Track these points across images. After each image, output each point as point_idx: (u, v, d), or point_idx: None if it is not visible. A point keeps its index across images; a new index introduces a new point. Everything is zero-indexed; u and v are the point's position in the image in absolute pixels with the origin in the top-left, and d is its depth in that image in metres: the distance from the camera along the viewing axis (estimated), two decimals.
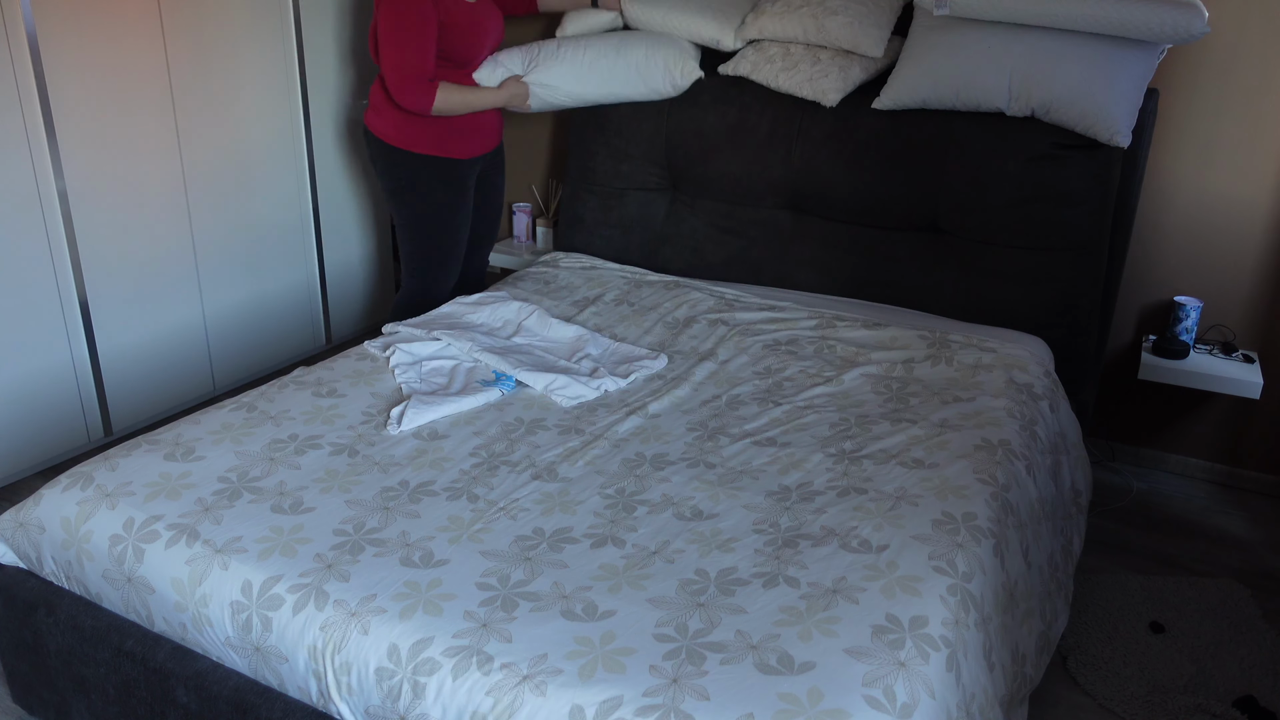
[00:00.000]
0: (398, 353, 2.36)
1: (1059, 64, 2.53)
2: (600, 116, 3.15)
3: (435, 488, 1.86)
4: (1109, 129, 2.49)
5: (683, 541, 1.70)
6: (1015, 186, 2.63)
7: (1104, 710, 2.11)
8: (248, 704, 1.58)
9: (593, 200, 3.19)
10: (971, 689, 1.49)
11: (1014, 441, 2.06)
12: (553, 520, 1.76)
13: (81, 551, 1.75)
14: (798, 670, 1.39)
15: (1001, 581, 1.74)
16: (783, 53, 2.90)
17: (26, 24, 2.57)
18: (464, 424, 2.10)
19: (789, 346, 2.51)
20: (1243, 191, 2.79)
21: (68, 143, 2.73)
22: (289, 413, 2.11)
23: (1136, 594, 2.48)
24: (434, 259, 2.96)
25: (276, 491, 1.82)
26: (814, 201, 2.89)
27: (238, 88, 3.18)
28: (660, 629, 1.48)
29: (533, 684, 1.39)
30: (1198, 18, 2.41)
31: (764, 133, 2.91)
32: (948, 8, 2.64)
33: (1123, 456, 3.15)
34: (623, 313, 2.73)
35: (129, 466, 1.88)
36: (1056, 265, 2.63)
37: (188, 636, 1.66)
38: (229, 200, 3.24)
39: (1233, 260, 2.85)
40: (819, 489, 1.87)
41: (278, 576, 1.60)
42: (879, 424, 2.12)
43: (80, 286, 2.84)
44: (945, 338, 2.53)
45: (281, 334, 3.55)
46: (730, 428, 2.11)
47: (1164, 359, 2.79)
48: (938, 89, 2.66)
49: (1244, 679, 2.19)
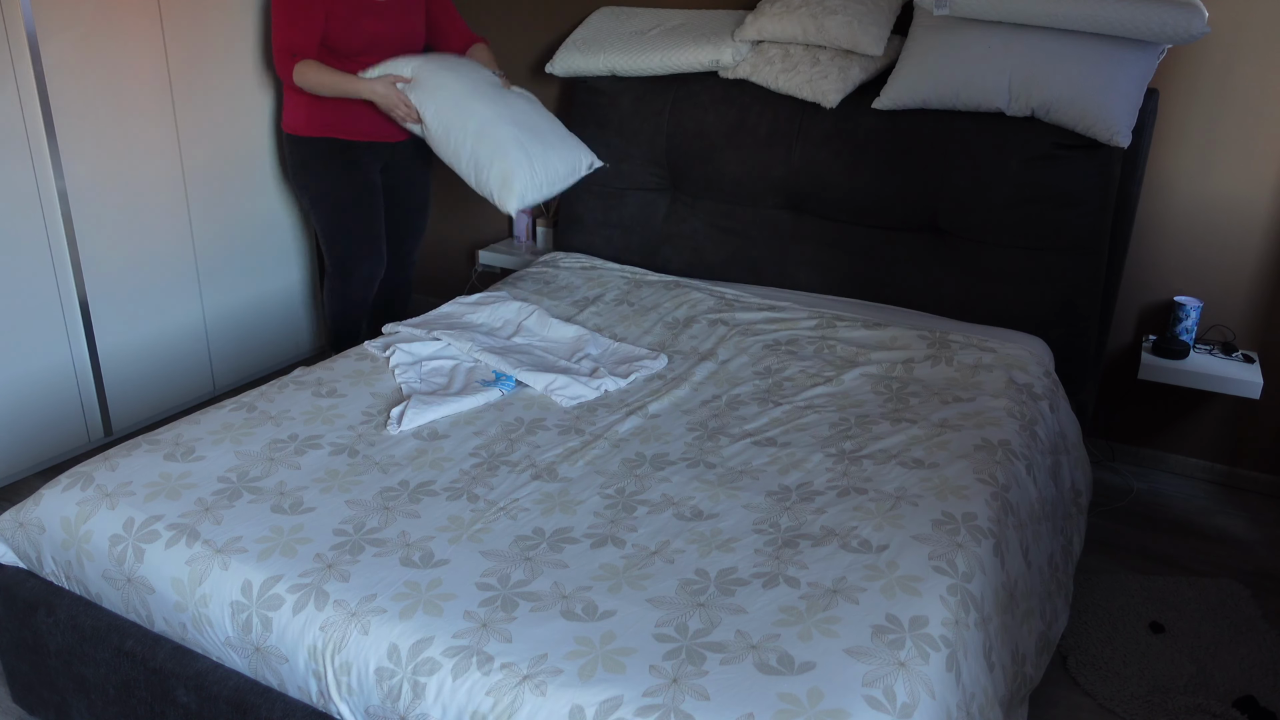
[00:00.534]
0: (398, 353, 2.36)
1: (1059, 64, 2.53)
2: (600, 116, 3.15)
3: (435, 488, 1.86)
4: (1109, 129, 2.49)
5: (683, 541, 1.70)
6: (1015, 186, 2.63)
7: (1104, 710, 2.11)
8: (248, 704, 1.57)
9: (593, 200, 3.19)
10: (971, 689, 1.49)
11: (1014, 441, 2.06)
12: (553, 520, 1.76)
13: (81, 551, 1.75)
14: (798, 670, 1.39)
15: (1001, 581, 1.74)
16: (782, 54, 2.90)
17: (26, 24, 2.57)
18: (464, 424, 2.10)
19: (789, 346, 2.51)
20: (1243, 191, 2.79)
21: (68, 143, 2.73)
22: (289, 413, 2.11)
23: (1136, 594, 2.48)
24: (341, 244, 2.99)
25: (276, 491, 1.82)
26: (814, 201, 2.89)
27: (238, 87, 3.18)
28: (660, 629, 1.48)
29: (533, 684, 1.39)
30: (1198, 18, 2.41)
31: (764, 132, 2.91)
32: (948, 8, 2.64)
33: (1123, 456, 3.15)
34: (623, 313, 2.73)
35: (129, 466, 1.88)
36: (1056, 265, 2.63)
37: (188, 636, 1.66)
38: (229, 200, 3.24)
39: (1233, 260, 2.85)
40: (819, 489, 1.87)
41: (278, 576, 1.60)
42: (879, 424, 2.12)
43: (80, 286, 2.84)
44: (945, 338, 2.53)
45: (282, 334, 3.55)
46: (730, 428, 2.11)
47: (1164, 359, 2.79)
48: (938, 89, 2.66)
49: (1244, 679, 2.19)
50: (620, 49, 3.09)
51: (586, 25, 3.27)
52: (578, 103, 3.22)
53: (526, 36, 3.55)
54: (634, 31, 3.15)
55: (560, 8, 3.48)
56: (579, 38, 3.21)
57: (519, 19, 3.54)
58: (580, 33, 3.24)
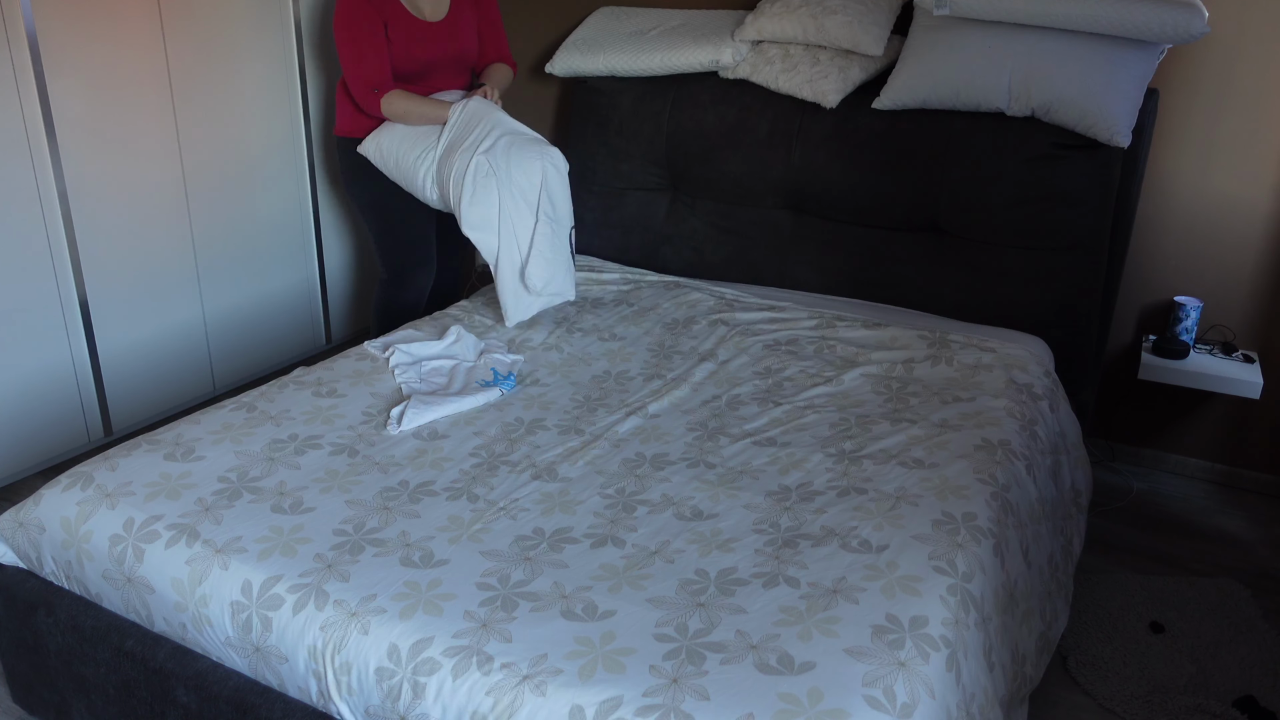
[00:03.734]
0: (397, 353, 2.36)
1: (1059, 64, 2.53)
2: (600, 116, 3.15)
3: (435, 488, 1.86)
4: (1109, 129, 2.49)
5: (683, 541, 1.70)
6: (1015, 186, 2.63)
7: (1104, 710, 2.11)
8: (248, 704, 1.57)
9: (593, 200, 3.19)
10: (971, 689, 1.49)
11: (1014, 441, 2.06)
12: (553, 520, 1.76)
13: (81, 551, 1.75)
14: (798, 670, 1.39)
15: (1001, 581, 1.74)
16: (782, 54, 2.90)
17: (26, 24, 2.57)
18: (464, 424, 2.10)
19: (789, 346, 2.51)
20: (1243, 191, 2.79)
21: (68, 143, 2.72)
22: (289, 413, 2.11)
23: (1136, 594, 2.48)
24: (396, 247, 2.98)
25: (276, 491, 1.82)
26: (814, 202, 2.89)
27: (238, 87, 3.18)
28: (660, 629, 1.48)
29: (533, 684, 1.39)
30: (1198, 18, 2.41)
31: (764, 132, 2.91)
32: (948, 8, 2.64)
33: (1123, 456, 3.15)
34: (622, 313, 2.73)
35: (129, 466, 1.88)
36: (1056, 265, 2.63)
37: (188, 636, 1.66)
38: (229, 200, 3.24)
39: (1233, 260, 2.85)
40: (819, 489, 1.87)
41: (278, 576, 1.60)
42: (879, 424, 2.12)
43: (80, 286, 2.84)
44: (945, 338, 2.53)
45: (281, 334, 3.55)
46: (730, 428, 2.11)
47: (1164, 359, 2.79)
48: (938, 89, 2.66)
49: (1244, 679, 2.19)
50: (620, 49, 3.09)
51: (586, 25, 3.27)
52: (578, 103, 3.23)
53: (526, 36, 3.55)
54: (634, 31, 3.16)
55: (560, 8, 3.48)
56: (579, 38, 3.21)
57: (519, 19, 3.54)
58: (580, 33, 3.24)
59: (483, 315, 2.69)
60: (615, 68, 3.09)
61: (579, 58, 3.15)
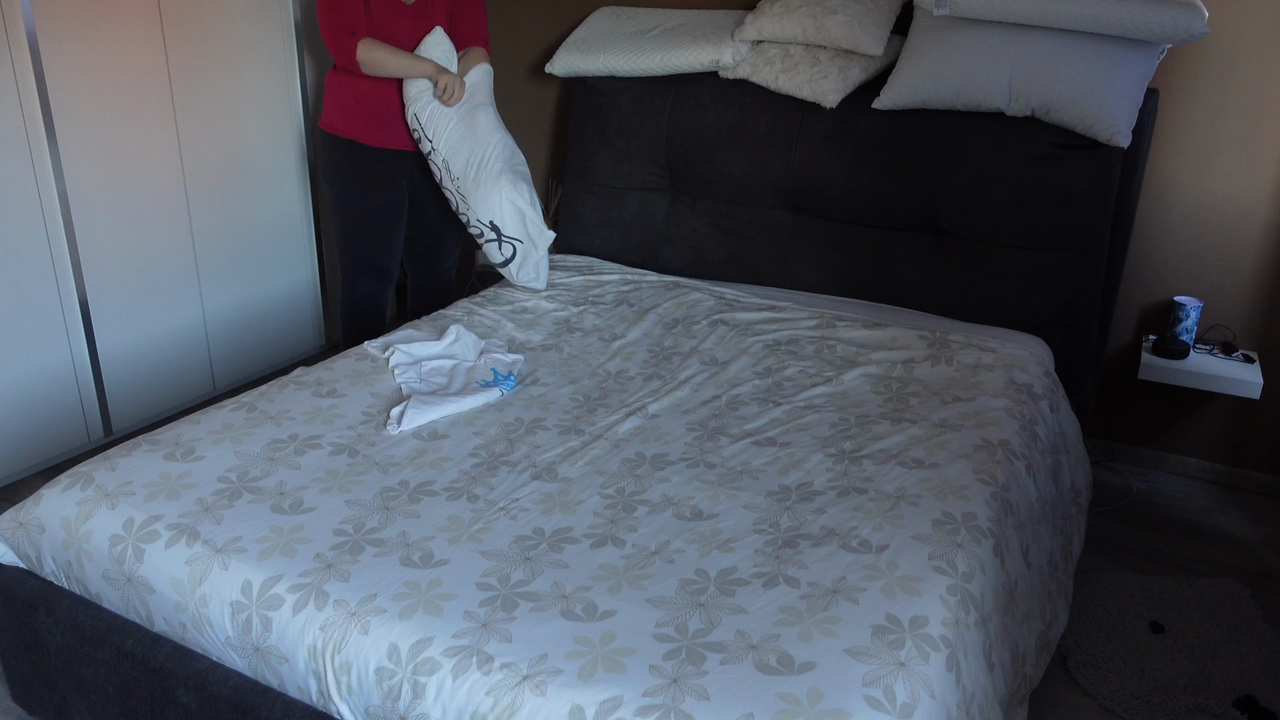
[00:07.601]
0: (397, 353, 2.36)
1: (1059, 64, 2.53)
2: (600, 116, 3.15)
3: (435, 488, 1.86)
4: (1109, 129, 2.49)
5: (683, 541, 1.70)
6: (1015, 186, 2.63)
7: (1104, 710, 2.12)
8: (248, 704, 1.58)
9: (593, 200, 3.19)
10: (971, 689, 1.49)
11: (1014, 441, 2.06)
12: (553, 520, 1.76)
13: (81, 551, 1.75)
14: (798, 670, 1.39)
15: (1001, 581, 1.74)
16: (782, 54, 2.90)
17: (26, 24, 2.57)
18: (464, 424, 2.10)
19: (789, 346, 2.51)
20: (1243, 191, 2.79)
21: (68, 143, 2.73)
22: (289, 413, 2.11)
23: (1136, 594, 2.48)
24: (347, 248, 2.99)
25: (276, 491, 1.82)
26: (814, 202, 2.89)
27: (238, 88, 3.18)
28: (660, 629, 1.48)
29: (533, 684, 1.39)
30: (1198, 18, 2.41)
31: (764, 132, 2.91)
32: (948, 8, 2.64)
33: (1123, 456, 3.15)
34: (623, 313, 2.73)
35: (129, 466, 1.88)
36: (1056, 265, 2.63)
37: (188, 636, 1.66)
38: (229, 200, 3.24)
39: (1233, 260, 2.85)
40: (819, 489, 1.87)
41: (278, 576, 1.60)
42: (879, 424, 2.12)
43: (80, 286, 2.84)
44: (945, 338, 2.53)
45: (281, 334, 3.55)
46: (730, 428, 2.11)
47: (1164, 359, 2.79)
48: (938, 89, 2.66)
49: (1244, 679, 2.19)
50: (620, 49, 3.09)
51: (586, 25, 3.27)
52: (578, 103, 3.23)
53: (526, 36, 3.55)
54: (634, 32, 3.16)
55: (560, 8, 3.48)
56: (579, 38, 3.21)
57: (519, 19, 3.54)
58: (580, 33, 3.24)
59: (483, 315, 2.69)
60: (615, 68, 3.09)
61: (579, 58, 3.15)
